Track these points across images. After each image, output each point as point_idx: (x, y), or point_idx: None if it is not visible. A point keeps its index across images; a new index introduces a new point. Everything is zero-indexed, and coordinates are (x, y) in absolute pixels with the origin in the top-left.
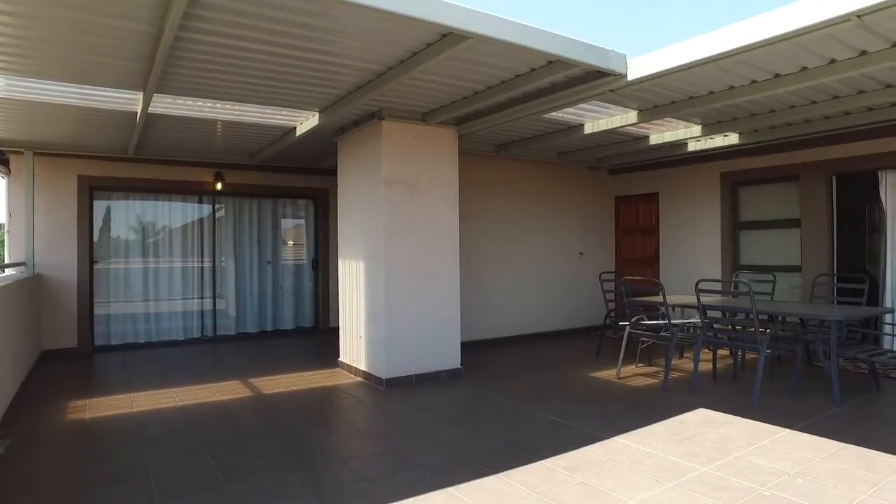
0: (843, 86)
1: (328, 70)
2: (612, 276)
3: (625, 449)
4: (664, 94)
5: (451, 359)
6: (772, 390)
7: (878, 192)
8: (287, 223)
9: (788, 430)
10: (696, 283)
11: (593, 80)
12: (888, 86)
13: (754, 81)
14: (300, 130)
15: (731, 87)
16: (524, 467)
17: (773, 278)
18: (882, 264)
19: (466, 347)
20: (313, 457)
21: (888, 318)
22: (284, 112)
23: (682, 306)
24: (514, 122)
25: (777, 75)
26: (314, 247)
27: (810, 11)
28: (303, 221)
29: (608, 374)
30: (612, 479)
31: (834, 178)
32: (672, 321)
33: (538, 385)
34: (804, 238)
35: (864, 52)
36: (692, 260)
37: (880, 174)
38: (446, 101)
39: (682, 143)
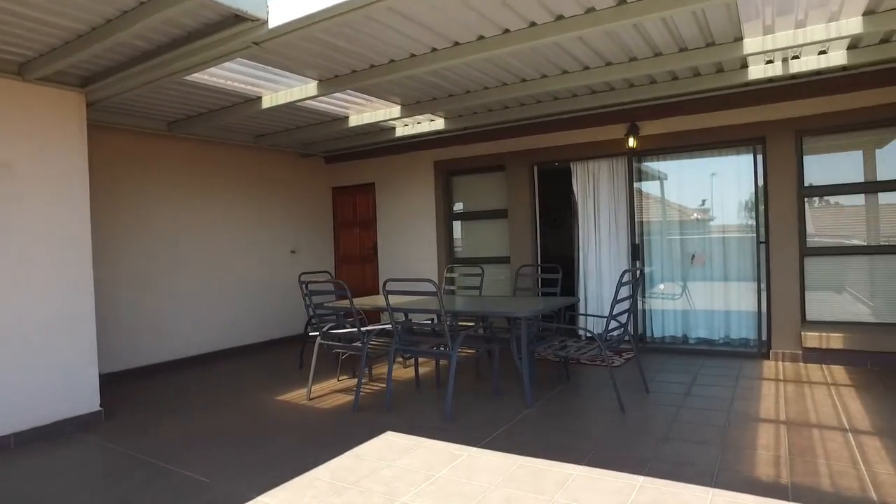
0: (525, 66)
1: None
2: (327, 278)
3: None
4: (340, 60)
5: (85, 401)
6: (472, 396)
7: (572, 182)
8: None
9: (473, 450)
10: (384, 284)
11: (231, 26)
12: (565, 71)
13: (434, 49)
14: None
15: (413, 56)
16: None
17: (481, 271)
18: (576, 254)
19: (132, 377)
20: None
21: (583, 299)
22: None
23: (374, 310)
24: (171, 90)
25: (456, 43)
26: None
27: None
28: None
29: (300, 394)
30: None
31: (536, 168)
32: (366, 327)
33: (203, 421)
34: (511, 228)
35: (532, 24)
36: (411, 255)
37: (572, 165)
38: (42, 47)
39: (389, 128)
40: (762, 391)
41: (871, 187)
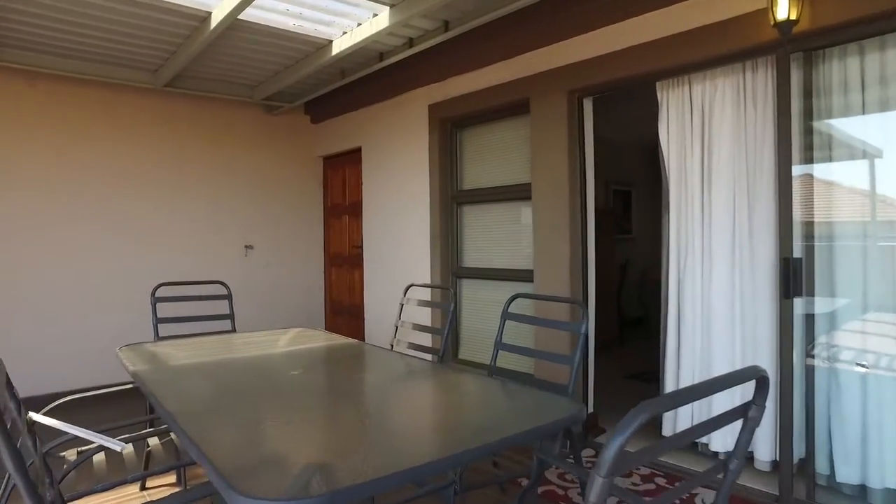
0: None
1: None
2: (226, 292)
3: None
4: None
5: None
6: None
7: (659, 130)
8: None
9: None
10: None
11: None
12: None
13: None
14: None
15: None
16: None
17: (451, 296)
18: (664, 274)
19: None
20: None
21: (671, 363)
22: None
23: None
24: None
25: None
26: None
27: None
28: None
29: None
30: None
31: (583, 103)
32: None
33: None
34: (536, 220)
35: None
36: (399, 259)
37: (658, 91)
38: None
39: (324, 42)
40: None
41: None
